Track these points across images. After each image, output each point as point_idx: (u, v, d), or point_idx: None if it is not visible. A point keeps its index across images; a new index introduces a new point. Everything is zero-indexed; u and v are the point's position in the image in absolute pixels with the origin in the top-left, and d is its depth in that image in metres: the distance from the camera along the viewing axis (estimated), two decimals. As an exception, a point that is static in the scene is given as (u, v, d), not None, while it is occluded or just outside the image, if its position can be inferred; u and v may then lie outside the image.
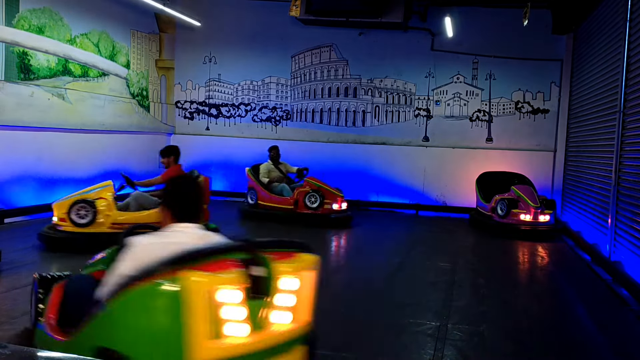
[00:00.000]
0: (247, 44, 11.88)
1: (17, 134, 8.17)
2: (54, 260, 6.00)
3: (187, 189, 2.71)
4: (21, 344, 3.58)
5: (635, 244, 5.96)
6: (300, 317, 2.49)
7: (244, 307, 2.22)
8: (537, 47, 10.72)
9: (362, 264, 6.59)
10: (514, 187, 9.17)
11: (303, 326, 2.54)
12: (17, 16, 8.02)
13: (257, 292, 2.26)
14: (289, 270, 2.44)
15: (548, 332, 4.40)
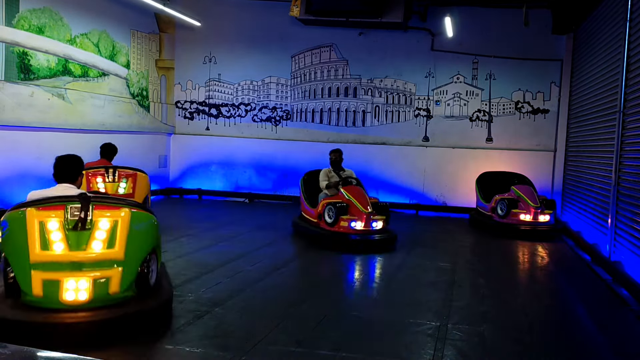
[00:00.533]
0: (247, 44, 11.89)
1: (17, 134, 8.17)
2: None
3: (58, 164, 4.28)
4: (21, 344, 3.58)
5: (635, 244, 5.96)
6: (112, 247, 3.86)
7: (60, 232, 3.76)
8: (537, 47, 10.72)
9: (362, 264, 6.59)
10: (514, 187, 9.18)
11: (118, 251, 3.85)
12: (17, 16, 8.02)
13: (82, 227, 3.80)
14: (105, 215, 3.90)
15: (548, 332, 4.40)
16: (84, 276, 3.69)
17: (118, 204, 4.05)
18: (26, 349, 1.66)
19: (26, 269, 3.67)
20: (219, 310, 4.50)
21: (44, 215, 3.78)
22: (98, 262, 3.79)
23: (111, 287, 3.77)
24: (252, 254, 6.76)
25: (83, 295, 3.69)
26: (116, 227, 3.89)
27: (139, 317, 3.83)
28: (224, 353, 3.63)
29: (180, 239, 7.42)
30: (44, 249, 3.71)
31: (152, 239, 4.15)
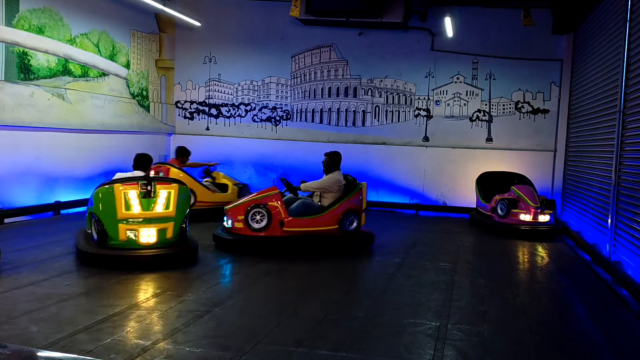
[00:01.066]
0: (247, 44, 11.89)
1: (17, 134, 8.17)
2: (53, 262, 6.00)
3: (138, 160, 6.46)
4: (21, 344, 3.59)
5: (635, 244, 5.96)
6: (169, 208, 5.87)
7: (138, 199, 5.71)
8: (537, 47, 10.72)
9: (362, 264, 6.59)
10: (514, 187, 9.18)
11: (172, 212, 5.86)
12: (17, 16, 8.02)
13: (149, 195, 5.76)
14: (163, 187, 5.87)
15: (548, 332, 4.40)
16: (152, 227, 5.73)
17: (170, 181, 6.15)
18: (26, 349, 1.66)
19: (115, 223, 5.64)
20: (219, 310, 4.50)
21: (126, 188, 5.72)
22: (160, 218, 5.81)
23: (167, 234, 5.84)
24: (253, 254, 6.76)
25: (152, 239, 5.74)
26: (170, 196, 5.90)
27: (184, 253, 5.94)
28: (224, 353, 3.63)
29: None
30: (127, 210, 5.70)
31: (187, 205, 6.18)
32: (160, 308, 4.46)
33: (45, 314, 4.22)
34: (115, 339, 3.77)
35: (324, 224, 6.99)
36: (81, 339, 3.75)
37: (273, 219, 6.75)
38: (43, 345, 3.61)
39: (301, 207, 7.05)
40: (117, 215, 5.67)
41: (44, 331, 3.86)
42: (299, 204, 7.13)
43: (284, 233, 6.78)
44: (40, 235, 7.19)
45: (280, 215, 6.80)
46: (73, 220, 8.49)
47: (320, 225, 6.97)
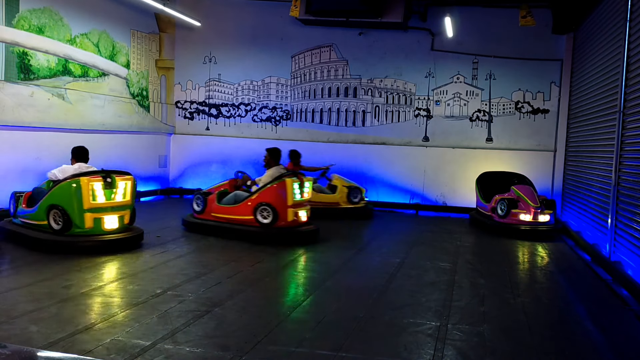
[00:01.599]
0: (247, 44, 11.89)
1: (17, 134, 8.17)
2: (54, 262, 6.00)
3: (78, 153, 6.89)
4: (21, 344, 3.59)
5: (635, 244, 5.96)
6: (127, 198, 6.58)
7: (102, 190, 6.33)
8: (537, 47, 10.72)
9: (362, 264, 6.59)
10: (514, 187, 9.17)
11: (129, 200, 6.62)
12: (17, 16, 8.02)
13: (110, 187, 6.39)
14: (122, 179, 6.52)
15: (548, 332, 4.40)
16: (114, 214, 6.52)
17: (125, 173, 6.76)
18: (26, 349, 1.66)
19: (82, 212, 6.26)
20: (219, 310, 4.50)
21: (92, 180, 6.32)
22: (120, 206, 6.58)
23: (125, 220, 6.65)
24: (251, 254, 6.76)
25: (115, 225, 6.52)
26: (127, 186, 6.63)
27: (139, 237, 6.77)
28: (224, 353, 3.63)
29: (180, 239, 7.42)
30: (93, 200, 6.31)
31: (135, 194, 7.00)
32: (160, 308, 4.47)
33: (45, 314, 4.22)
34: (115, 339, 3.77)
35: (238, 213, 7.56)
36: (81, 339, 3.75)
37: (208, 206, 7.84)
38: (43, 345, 3.61)
39: (232, 198, 7.81)
40: (84, 205, 6.25)
41: (44, 331, 3.86)
42: (232, 195, 7.85)
43: (212, 218, 7.79)
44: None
45: (212, 202, 7.81)
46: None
47: (236, 214, 7.59)
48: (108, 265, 5.85)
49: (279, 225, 7.30)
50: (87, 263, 5.85)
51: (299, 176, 7.54)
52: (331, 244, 7.82)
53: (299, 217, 7.46)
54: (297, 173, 7.69)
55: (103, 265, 5.83)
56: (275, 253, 6.78)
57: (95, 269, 5.64)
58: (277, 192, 7.31)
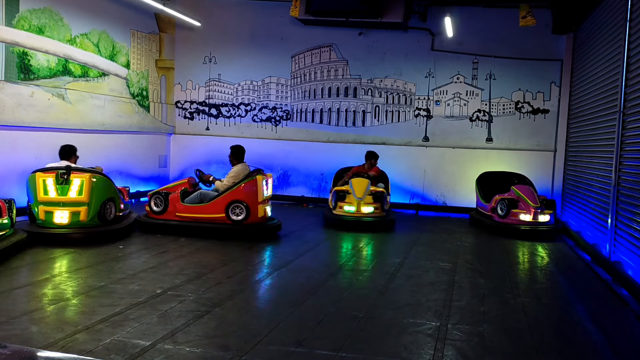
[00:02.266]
0: (247, 44, 11.89)
1: (17, 134, 8.17)
2: (56, 260, 6.00)
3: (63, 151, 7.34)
4: (21, 344, 3.59)
5: (635, 244, 5.96)
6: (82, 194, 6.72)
7: (54, 185, 6.67)
8: (537, 47, 10.72)
9: (362, 264, 6.59)
10: (514, 187, 9.17)
11: (84, 198, 6.73)
12: (17, 16, 8.02)
13: (65, 182, 6.69)
14: (77, 177, 6.73)
15: (548, 332, 4.40)
16: (65, 209, 6.73)
17: (85, 170, 6.94)
18: (26, 349, 1.66)
19: (37, 205, 6.72)
20: (219, 310, 4.50)
21: (45, 176, 6.73)
22: (73, 203, 6.75)
23: (81, 216, 6.78)
24: (252, 254, 6.77)
25: (65, 220, 6.74)
26: (83, 184, 6.77)
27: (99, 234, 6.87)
28: (224, 353, 3.63)
29: (179, 239, 7.42)
30: (44, 194, 6.67)
31: (108, 193, 7.13)
32: (161, 308, 4.47)
33: (45, 314, 4.22)
34: (115, 339, 3.77)
35: (209, 212, 7.60)
36: (81, 339, 3.75)
37: (169, 205, 7.72)
38: (43, 345, 3.61)
39: (197, 197, 7.87)
40: (38, 198, 6.72)
41: (44, 331, 3.86)
42: (197, 194, 7.93)
43: (177, 217, 7.71)
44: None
45: (175, 201, 7.71)
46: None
47: (206, 213, 7.62)
48: (108, 265, 5.85)
49: (250, 221, 7.48)
50: (88, 263, 5.85)
51: (264, 173, 7.84)
52: (331, 244, 7.83)
53: (266, 212, 7.78)
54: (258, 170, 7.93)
55: (103, 265, 5.83)
56: (275, 254, 6.78)
57: (95, 269, 5.64)
58: (249, 190, 7.52)
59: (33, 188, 6.79)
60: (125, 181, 10.65)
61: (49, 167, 6.93)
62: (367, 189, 8.80)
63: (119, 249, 6.59)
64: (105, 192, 7.06)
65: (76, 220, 6.74)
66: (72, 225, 6.74)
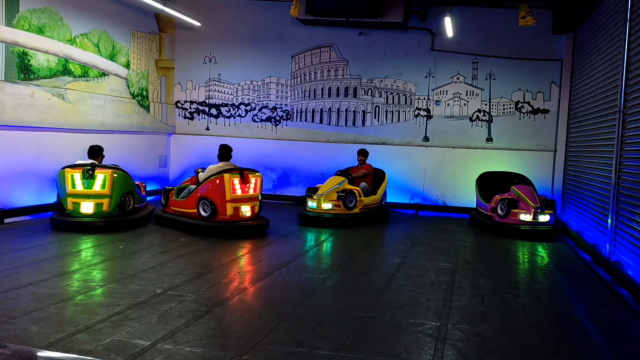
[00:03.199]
0: (247, 44, 11.89)
1: (17, 134, 8.17)
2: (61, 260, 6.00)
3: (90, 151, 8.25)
4: (21, 344, 3.59)
5: (635, 244, 5.96)
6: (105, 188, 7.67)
7: (81, 180, 7.65)
8: (537, 47, 10.72)
9: (362, 264, 6.59)
10: (514, 187, 9.17)
11: (107, 191, 7.69)
12: (17, 16, 8.02)
13: (90, 177, 7.66)
14: (103, 172, 7.72)
15: (548, 332, 4.40)
16: (90, 201, 7.69)
17: (108, 167, 7.87)
18: (26, 349, 1.66)
19: (66, 197, 7.69)
20: (219, 310, 4.50)
21: (73, 172, 7.66)
22: (97, 195, 7.70)
23: (104, 207, 7.74)
24: (251, 254, 6.76)
25: (90, 210, 7.69)
26: (106, 179, 7.69)
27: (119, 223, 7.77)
28: (224, 353, 3.63)
29: (180, 239, 7.42)
30: (72, 188, 7.63)
31: (127, 187, 8.03)
32: (161, 308, 4.47)
33: (45, 314, 4.22)
34: (115, 339, 3.77)
35: (187, 207, 8.03)
36: (81, 339, 3.75)
37: (169, 199, 8.51)
38: (43, 345, 3.61)
39: (187, 192, 8.25)
40: (67, 191, 7.64)
41: (44, 331, 3.86)
42: (187, 189, 8.32)
43: (171, 211, 8.38)
44: (40, 235, 7.20)
45: (171, 196, 8.50)
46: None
47: (186, 208, 8.07)
48: (108, 265, 5.85)
49: (219, 219, 7.64)
50: (88, 263, 5.85)
51: (245, 172, 7.78)
52: (331, 244, 7.83)
53: (241, 212, 7.74)
54: (240, 169, 7.87)
55: (103, 265, 5.83)
56: (275, 253, 6.79)
57: (95, 269, 5.64)
58: (215, 187, 7.66)
59: (62, 182, 7.71)
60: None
61: (76, 164, 7.84)
62: (334, 187, 9.15)
63: (119, 248, 6.60)
64: (124, 186, 7.98)
65: (100, 211, 7.69)
66: (96, 215, 7.67)
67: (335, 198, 9.07)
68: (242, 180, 7.69)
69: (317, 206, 9.06)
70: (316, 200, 9.08)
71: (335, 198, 9.07)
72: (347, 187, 9.27)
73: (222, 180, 7.63)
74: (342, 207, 9.06)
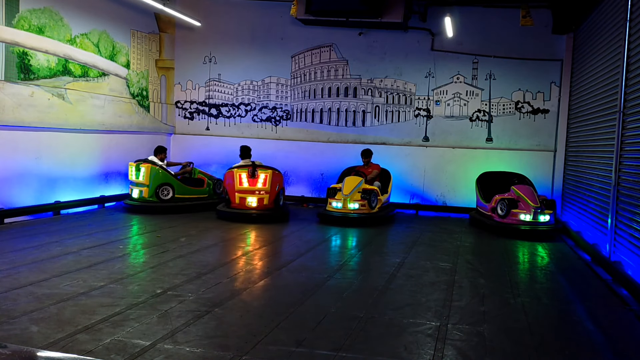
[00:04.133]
0: (247, 44, 11.89)
1: (17, 134, 8.17)
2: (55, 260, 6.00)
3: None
4: (21, 344, 3.59)
5: (635, 244, 5.96)
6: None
7: (135, 171, 9.70)
8: (537, 47, 10.72)
9: (362, 264, 6.59)
10: (514, 187, 9.17)
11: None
12: (17, 16, 8.02)
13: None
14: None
15: (548, 332, 4.40)
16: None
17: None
18: (26, 349, 1.66)
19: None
20: (219, 310, 4.50)
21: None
22: (141, 184, 9.48)
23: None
24: (251, 254, 6.77)
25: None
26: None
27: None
28: (224, 353, 3.63)
29: (180, 238, 7.43)
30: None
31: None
32: (161, 308, 4.47)
33: (45, 314, 4.22)
34: (115, 339, 3.77)
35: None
36: (81, 339, 3.75)
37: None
38: (43, 345, 3.61)
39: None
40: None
41: (44, 331, 3.86)
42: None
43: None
44: (40, 235, 7.20)
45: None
46: (73, 220, 8.50)
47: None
48: (108, 265, 5.85)
49: (232, 206, 9.34)
50: (87, 263, 5.85)
51: (250, 168, 9.20)
52: (330, 244, 7.83)
53: (247, 202, 9.21)
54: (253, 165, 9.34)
55: (103, 265, 5.83)
56: (273, 253, 6.78)
57: (95, 269, 5.64)
58: (227, 180, 9.43)
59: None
60: (125, 181, 10.67)
61: (142, 160, 9.82)
62: (356, 187, 9.19)
63: (120, 248, 6.60)
64: (160, 179, 9.62)
65: (142, 197, 9.55)
66: (139, 200, 9.58)
67: (360, 198, 9.14)
68: (249, 175, 9.15)
69: (342, 206, 9.12)
70: (341, 200, 9.10)
71: (359, 198, 9.15)
72: (366, 186, 9.35)
73: (232, 174, 9.29)
74: (367, 206, 9.16)
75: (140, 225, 8.39)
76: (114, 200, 10.30)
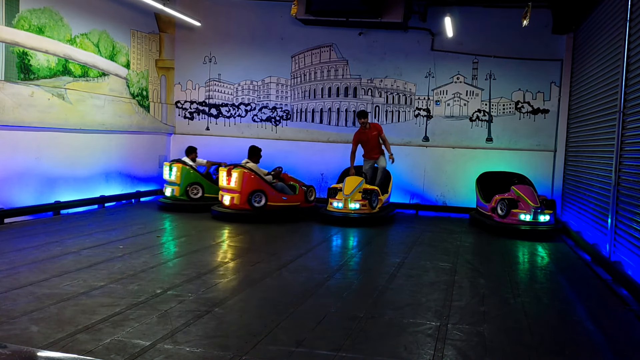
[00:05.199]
0: (247, 44, 11.89)
1: (17, 134, 8.17)
2: (54, 260, 6.00)
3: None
4: (21, 344, 3.59)
5: (635, 244, 5.96)
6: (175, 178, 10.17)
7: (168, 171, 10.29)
8: (537, 47, 10.72)
9: (362, 264, 6.59)
10: (514, 187, 9.17)
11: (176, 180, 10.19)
12: (17, 16, 8.02)
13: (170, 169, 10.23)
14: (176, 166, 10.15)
15: (548, 332, 4.40)
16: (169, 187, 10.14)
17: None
18: (26, 349, 1.66)
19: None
20: (219, 310, 4.50)
21: (167, 164, 10.12)
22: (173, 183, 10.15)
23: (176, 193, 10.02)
24: (251, 254, 6.76)
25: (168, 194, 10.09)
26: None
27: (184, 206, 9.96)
28: (224, 353, 3.63)
29: (180, 239, 7.42)
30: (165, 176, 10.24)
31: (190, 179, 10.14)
32: (161, 308, 4.47)
33: (45, 314, 4.22)
34: (115, 339, 3.77)
35: None
36: (81, 339, 3.75)
37: None
38: (43, 345, 3.61)
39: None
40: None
41: (44, 331, 3.86)
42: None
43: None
44: (40, 235, 7.20)
45: None
46: (73, 220, 8.50)
47: None
48: (108, 265, 5.85)
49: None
50: (87, 263, 5.85)
51: (230, 167, 9.24)
52: (331, 244, 7.83)
53: (223, 199, 9.28)
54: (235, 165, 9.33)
55: (103, 265, 5.83)
56: (273, 253, 6.79)
57: (95, 269, 5.64)
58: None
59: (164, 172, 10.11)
60: (125, 181, 10.67)
61: (175, 160, 10.35)
62: (357, 187, 9.22)
63: (120, 248, 6.60)
64: (189, 178, 10.10)
65: (173, 195, 10.04)
66: (171, 198, 10.06)
67: (361, 198, 9.17)
68: (228, 173, 9.19)
69: (343, 206, 9.15)
70: (342, 200, 9.15)
71: (360, 198, 9.18)
72: (367, 186, 9.37)
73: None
74: (367, 206, 9.18)
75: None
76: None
